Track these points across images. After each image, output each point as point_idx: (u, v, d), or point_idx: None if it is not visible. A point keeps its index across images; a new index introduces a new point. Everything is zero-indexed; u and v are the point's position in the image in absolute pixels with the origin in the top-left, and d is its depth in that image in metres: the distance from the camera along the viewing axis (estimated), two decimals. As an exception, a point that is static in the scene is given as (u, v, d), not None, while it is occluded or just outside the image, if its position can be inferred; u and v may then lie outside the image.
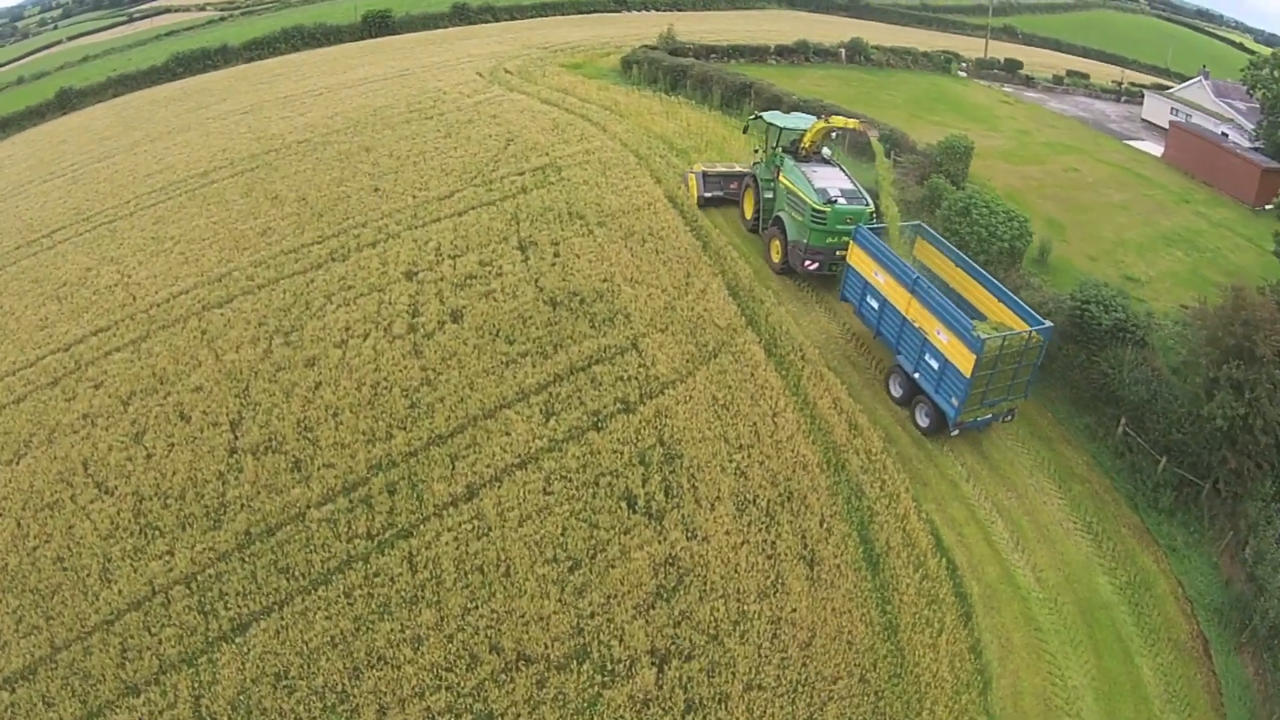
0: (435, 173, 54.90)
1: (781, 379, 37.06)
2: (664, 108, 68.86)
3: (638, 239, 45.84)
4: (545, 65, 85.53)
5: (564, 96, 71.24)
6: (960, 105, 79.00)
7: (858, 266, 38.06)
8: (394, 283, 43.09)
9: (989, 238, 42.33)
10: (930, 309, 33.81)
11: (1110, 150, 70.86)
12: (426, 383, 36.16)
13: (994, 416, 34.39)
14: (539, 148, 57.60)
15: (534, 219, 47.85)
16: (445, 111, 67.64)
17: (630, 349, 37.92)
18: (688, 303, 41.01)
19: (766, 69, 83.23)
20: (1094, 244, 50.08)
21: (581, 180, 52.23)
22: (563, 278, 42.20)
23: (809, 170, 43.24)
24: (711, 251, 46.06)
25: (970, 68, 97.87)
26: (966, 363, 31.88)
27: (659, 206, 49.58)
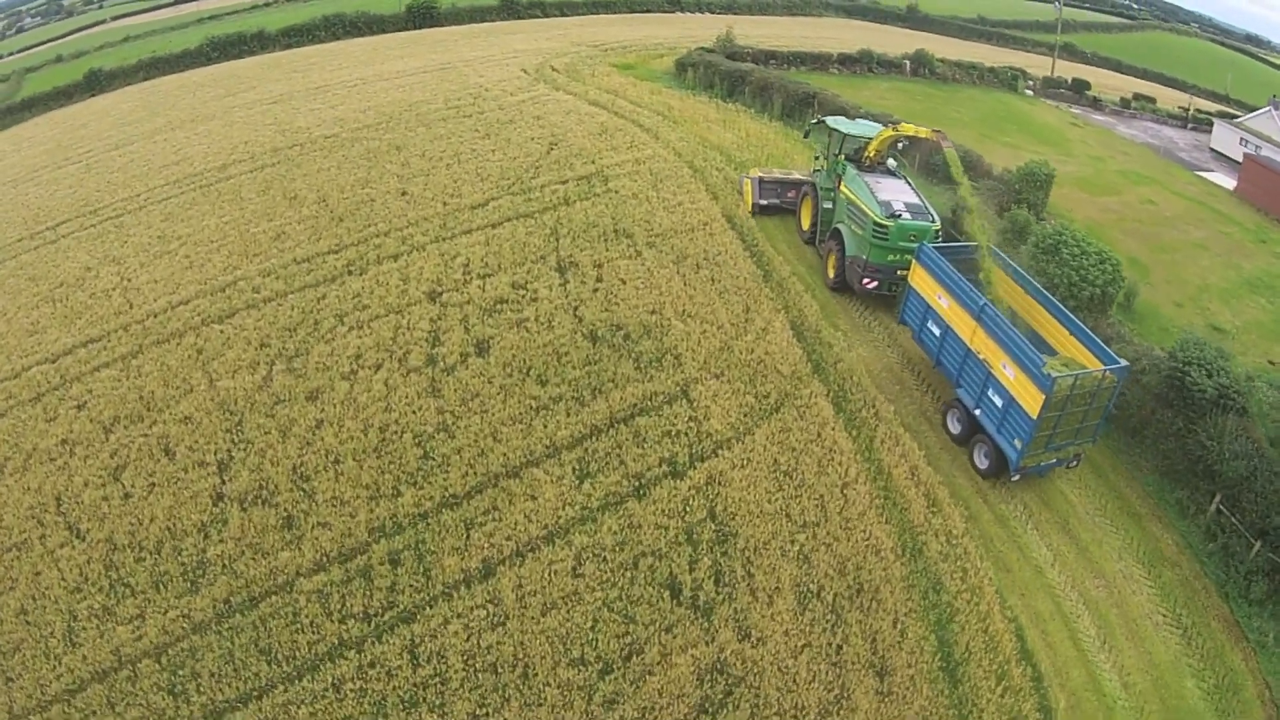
0: (470, 177, 49.73)
1: (852, 441, 32.04)
2: (721, 115, 63.75)
3: (691, 264, 40.77)
4: (595, 65, 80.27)
5: (613, 99, 65.85)
6: (1030, 126, 74.99)
7: (919, 288, 34.73)
8: (414, 304, 37.95)
9: (1080, 282, 38.00)
10: (997, 340, 30.47)
11: (1183, 182, 67.81)
12: (443, 428, 31.12)
13: (1059, 462, 31.14)
14: (585, 154, 52.46)
15: (576, 236, 42.72)
16: (485, 110, 62.39)
17: (680, 397, 32.86)
18: (747, 343, 35.89)
19: (828, 78, 78.71)
20: (1179, 288, 46.26)
21: (630, 193, 47.09)
22: (605, 307, 37.10)
23: (872, 181, 39.90)
24: (774, 282, 40.88)
25: (1037, 86, 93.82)
26: (1034, 402, 28.61)
27: (715, 227, 44.50)
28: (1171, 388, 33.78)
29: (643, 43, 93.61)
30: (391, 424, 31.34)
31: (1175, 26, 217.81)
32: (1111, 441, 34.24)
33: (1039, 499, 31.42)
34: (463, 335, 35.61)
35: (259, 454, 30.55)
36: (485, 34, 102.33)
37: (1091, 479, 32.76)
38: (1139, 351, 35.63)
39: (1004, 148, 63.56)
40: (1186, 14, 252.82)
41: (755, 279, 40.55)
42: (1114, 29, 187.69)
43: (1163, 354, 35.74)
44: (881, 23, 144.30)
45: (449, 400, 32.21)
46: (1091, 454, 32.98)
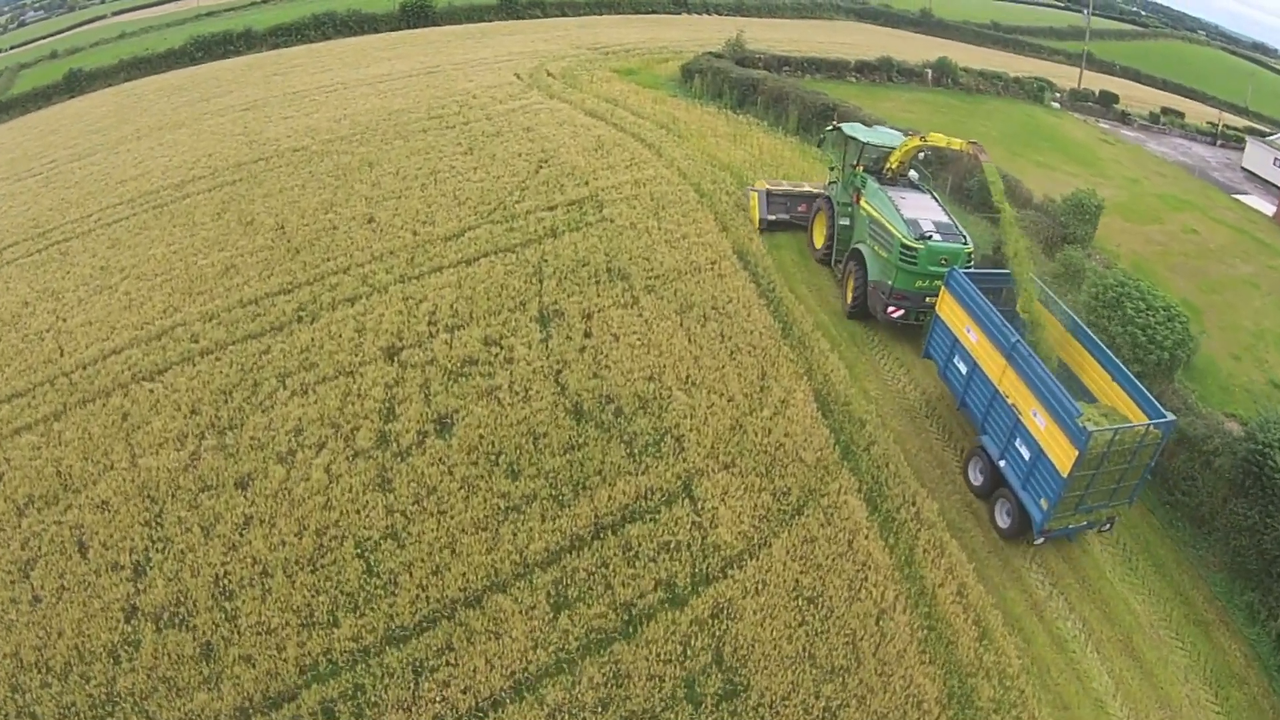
0: (446, 201, 43.70)
1: (889, 552, 26.28)
2: (731, 128, 57.67)
3: (697, 315, 34.81)
4: (594, 69, 73.91)
5: (613, 108, 59.60)
6: (1060, 142, 69.44)
7: (947, 319, 30.82)
8: (369, 363, 32.12)
9: (1147, 344, 32.66)
10: (1028, 383, 26.60)
11: (1221, 206, 63.03)
12: (391, 535, 25.32)
13: (1090, 525, 27.08)
14: (578, 174, 46.43)
15: (563, 277, 36.74)
16: (471, 120, 56.27)
17: (681, 495, 26.99)
18: (763, 421, 29.97)
19: (847, 87, 72.89)
20: (1233, 336, 41.18)
21: (628, 222, 41.12)
22: (594, 371, 31.24)
23: (897, 196, 36.07)
24: (794, 338, 34.87)
25: (1064, 99, 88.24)
26: (1065, 458, 24.80)
27: (725, 266, 38.54)
28: (1248, 474, 28.54)
29: (647, 46, 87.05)
30: (331, 526, 25.63)
31: (1187, 35, 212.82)
32: (1176, 533, 29.73)
33: (1100, 611, 26.36)
34: (422, 408, 29.86)
35: (178, 558, 24.99)
36: (480, 35, 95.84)
37: (1155, 579, 27.96)
38: (1210, 427, 30.76)
39: (1038, 168, 58.64)
40: (1193, 21, 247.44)
41: (772, 334, 34.70)
42: (1127, 36, 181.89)
43: (1238, 430, 31.17)
44: (894, 27, 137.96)
45: (400, 496, 26.48)
46: (1155, 549, 28.90)
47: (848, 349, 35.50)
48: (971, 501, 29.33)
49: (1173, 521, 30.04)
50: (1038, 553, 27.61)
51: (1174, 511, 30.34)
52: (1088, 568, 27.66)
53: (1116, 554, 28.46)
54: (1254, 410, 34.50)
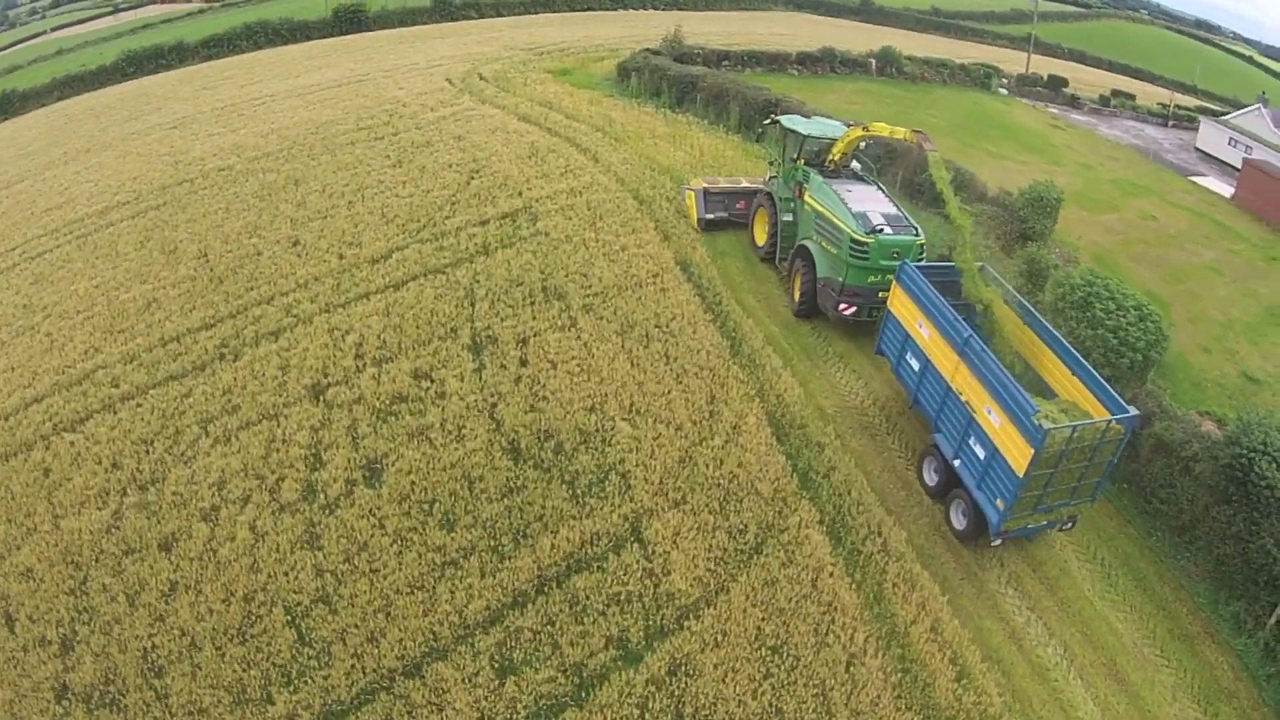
0: (373, 220, 41.73)
1: (856, 591, 24.62)
2: (669, 129, 55.78)
3: (639, 336, 33.04)
4: (528, 71, 71.87)
5: (547, 112, 57.53)
6: (1011, 130, 68.62)
7: (899, 314, 30.07)
8: (293, 404, 30.19)
9: (1119, 347, 31.32)
10: (982, 380, 25.84)
11: (1179, 190, 62.74)
12: (323, 599, 23.42)
13: (1050, 525, 26.35)
14: (510, 184, 44.48)
15: (496, 298, 34.86)
16: (400, 130, 54.25)
17: (630, 540, 25.16)
18: (714, 451, 28.23)
19: (788, 80, 71.59)
20: (1202, 327, 40.67)
21: (564, 235, 39.26)
22: (531, 404, 29.42)
23: (842, 189, 35.21)
24: (744, 356, 33.07)
25: (1012, 84, 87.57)
26: (1021, 457, 24.11)
27: (668, 279, 36.86)
28: (1231, 480, 27.51)
29: (582, 44, 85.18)
30: (259, 590, 23.70)
31: (1130, 15, 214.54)
32: (1156, 543, 28.77)
33: (1081, 634, 25.29)
34: (349, 453, 27.88)
35: (105, 630, 23.17)
36: (413, 39, 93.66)
37: (1136, 595, 26.93)
38: (1187, 431, 29.79)
39: (990, 158, 57.66)
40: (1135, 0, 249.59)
41: (720, 353, 32.94)
42: (1071, 18, 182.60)
43: (1216, 433, 30.12)
44: (835, 16, 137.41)
45: (330, 555, 24.52)
46: (1135, 561, 27.88)
47: (800, 363, 33.95)
48: (939, 524, 27.87)
49: (1151, 531, 29.13)
50: (1013, 575, 26.49)
51: (1152, 521, 29.42)
52: (1065, 587, 26.56)
53: (1095, 570, 27.43)
54: (1229, 406, 33.70)
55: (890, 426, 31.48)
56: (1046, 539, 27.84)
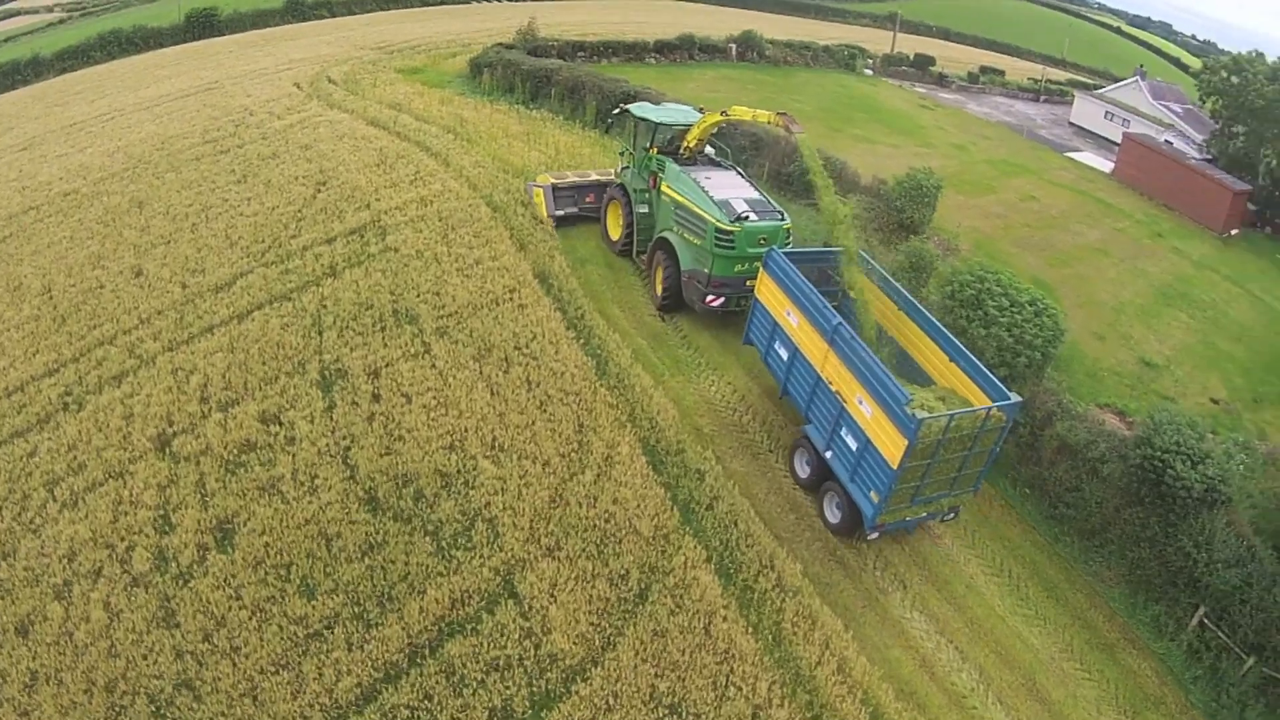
0: (217, 242, 38.43)
1: (753, 635, 22.40)
2: (524, 127, 52.84)
3: (498, 360, 30.34)
4: (378, 71, 68.32)
5: (396, 115, 54.26)
6: (879, 112, 67.56)
7: (766, 302, 29.09)
8: (139, 459, 27.09)
9: (1015, 346, 29.82)
10: (852, 368, 25.00)
11: (1056, 167, 62.86)
12: (185, 684, 20.57)
13: (930, 516, 25.69)
14: (359, 195, 41.45)
15: (344, 326, 31.97)
16: (246, 141, 50.64)
17: (503, 596, 22.62)
18: (585, 488, 25.74)
19: (647, 70, 69.44)
20: (1094, 313, 40.31)
21: (414, 250, 36.33)
22: (386, 446, 26.64)
23: (701, 177, 33.96)
24: (612, 376, 30.60)
25: (877, 65, 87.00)
26: (894, 448, 23.25)
27: (526, 294, 34.14)
28: (1144, 482, 27.12)
29: (433, 41, 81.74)
30: (119, 678, 20.77)
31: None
32: (1065, 549, 27.95)
33: (995, 655, 24.12)
34: (199, 513, 24.91)
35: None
36: (263, 43, 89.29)
37: (1049, 606, 26.01)
38: (1092, 430, 29.31)
39: (859, 143, 56.13)
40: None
41: (586, 374, 30.43)
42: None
43: (1120, 428, 29.93)
44: (694, 1, 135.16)
45: (188, 633, 21.64)
46: (1044, 570, 27.08)
47: (672, 379, 31.67)
48: (834, 549, 26.00)
49: (1059, 537, 28.19)
50: (917, 598, 25.00)
51: (1060, 526, 28.47)
52: (974, 605, 25.26)
53: (1003, 584, 26.22)
54: (1129, 397, 32.94)
55: (773, 443, 29.50)
56: (948, 555, 26.70)
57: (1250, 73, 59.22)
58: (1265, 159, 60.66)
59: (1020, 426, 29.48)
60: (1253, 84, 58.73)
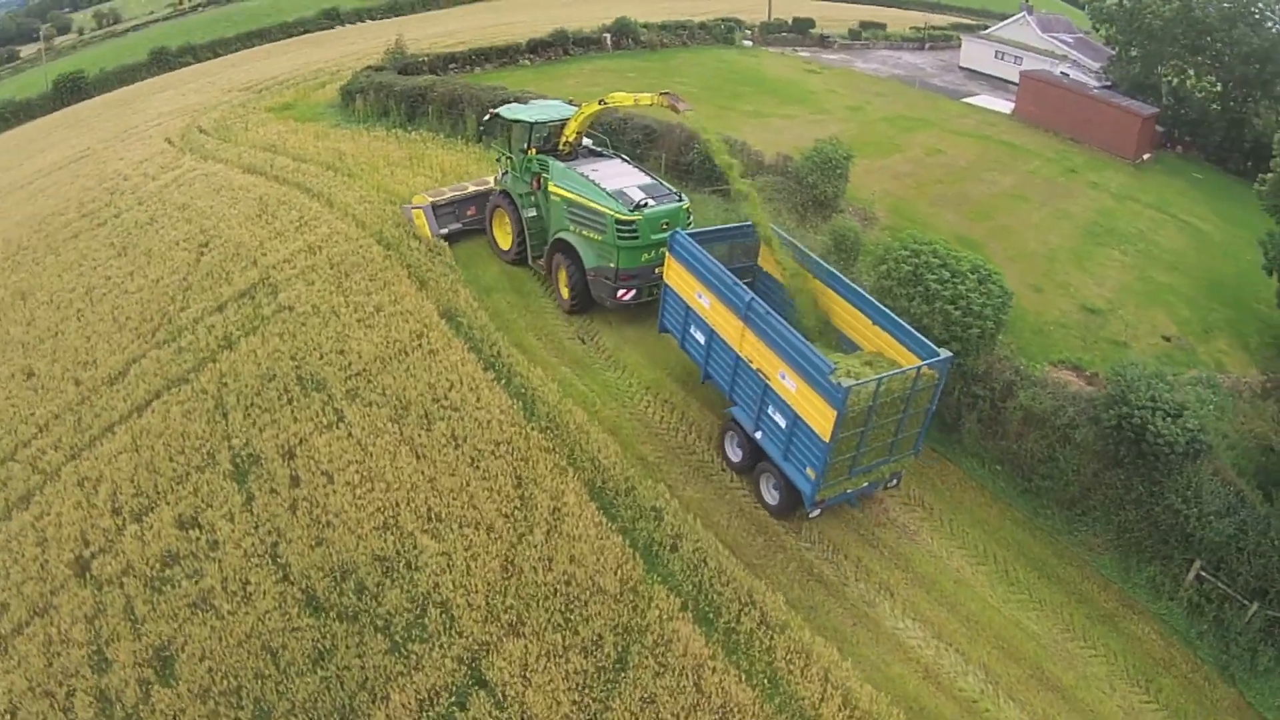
0: (105, 326, 35.73)
1: (747, 683, 20.74)
2: (405, 151, 49.86)
3: (418, 417, 27.92)
4: (248, 113, 64.43)
5: (272, 157, 50.97)
6: (765, 83, 65.77)
7: (676, 286, 28.50)
8: (61, 589, 24.98)
9: (964, 319, 28.15)
10: (770, 343, 24.46)
11: (955, 115, 62.14)
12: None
13: (871, 487, 25.33)
14: (244, 252, 38.71)
15: (250, 403, 29.38)
16: (123, 210, 47.24)
17: (473, 687, 20.53)
18: (537, 550, 23.49)
19: (523, 72, 66.94)
20: (1027, 265, 39.01)
21: (310, 306, 33.77)
22: (315, 536, 24.23)
23: (589, 170, 33.21)
24: (543, 417, 28.26)
25: (756, 34, 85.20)
26: (824, 420, 22.61)
27: (435, 338, 31.56)
28: (1121, 443, 26.29)
29: (301, 73, 77.91)
30: None
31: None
32: (1046, 522, 27.06)
33: (998, 650, 23.16)
34: (133, 644, 22.67)
35: None
36: (130, 100, 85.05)
37: (1042, 586, 25.17)
38: (1057, 395, 28.43)
39: (752, 119, 54.33)
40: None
41: (514, 418, 28.02)
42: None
43: (1083, 388, 29.41)
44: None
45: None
46: (1029, 548, 26.24)
47: (606, 408, 29.40)
48: (812, 566, 24.48)
49: (1039, 511, 27.26)
50: (907, 604, 23.79)
51: (1037, 500, 27.52)
52: (966, 601, 24.21)
53: (992, 571, 25.21)
54: (1081, 349, 32.27)
55: (713, 453, 27.95)
56: (929, 550, 25.60)
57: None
58: (1165, 79, 61.15)
59: (980, 400, 28.69)
60: (1148, 6, 58.94)
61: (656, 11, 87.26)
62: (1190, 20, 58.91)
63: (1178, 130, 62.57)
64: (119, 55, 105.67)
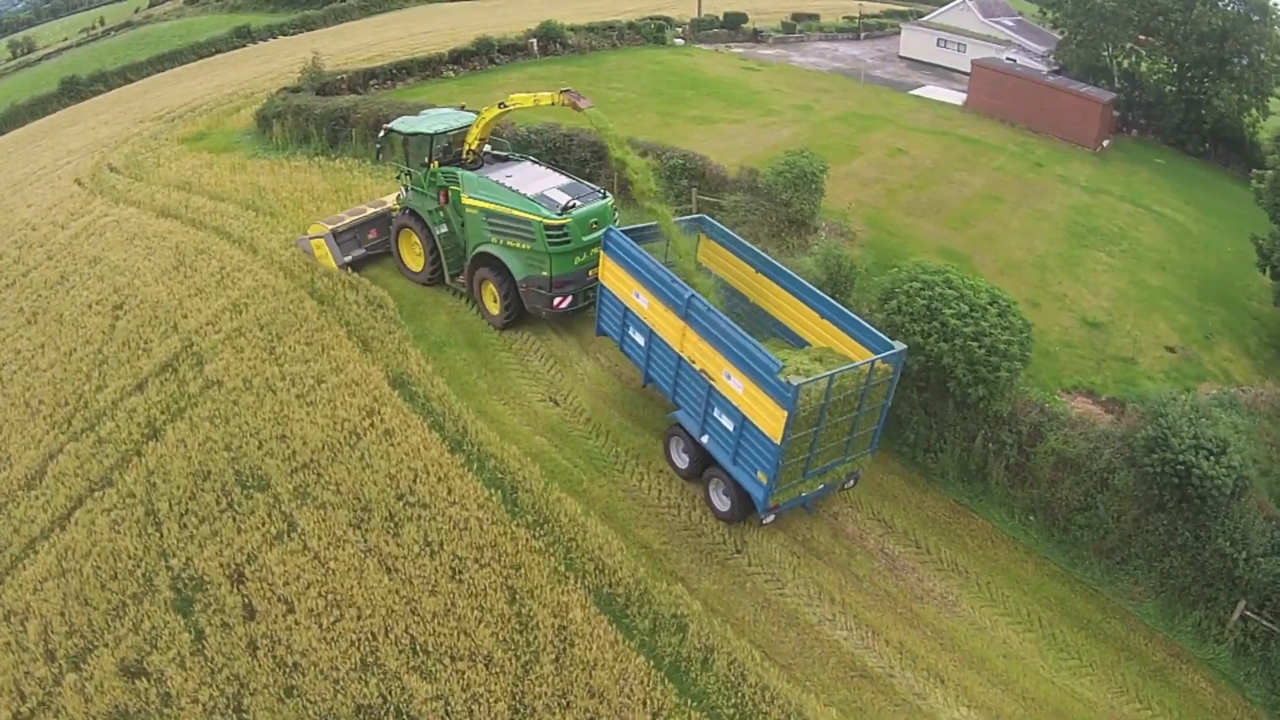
0: (18, 414, 31.20)
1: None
2: (330, 182, 45.22)
3: (382, 520, 23.72)
4: (160, 145, 58.72)
5: (187, 197, 45.80)
6: (706, 85, 62.57)
7: (612, 286, 27.02)
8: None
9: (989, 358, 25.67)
10: (713, 343, 23.12)
11: (907, 109, 60.39)
12: None
13: (828, 488, 24.09)
14: (162, 314, 34.27)
15: (183, 510, 24.97)
16: (31, 266, 42.29)
17: None
18: (549, 682, 19.83)
19: (447, 85, 62.85)
20: (1019, 276, 36.51)
21: (241, 380, 29.38)
22: (284, 685, 20.03)
23: (502, 177, 31.41)
24: (528, 508, 24.21)
25: (687, 32, 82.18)
26: (774, 422, 21.44)
27: (390, 415, 27.26)
28: (1165, 487, 24.19)
29: (214, 97, 72.53)
30: None
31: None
32: (1084, 573, 25.07)
33: None
34: None
35: None
36: (42, 135, 78.96)
37: (1091, 647, 23.26)
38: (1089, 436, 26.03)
39: (700, 126, 51.18)
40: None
41: (496, 514, 23.90)
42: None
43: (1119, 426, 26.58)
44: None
45: None
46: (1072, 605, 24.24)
47: (595, 485, 25.67)
48: (853, 656, 21.79)
49: (1076, 562, 25.19)
50: (959, 689, 21.43)
51: (1075, 551, 25.37)
52: (1017, 675, 22.09)
53: (1039, 637, 23.18)
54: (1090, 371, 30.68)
55: (737, 540, 24.50)
56: (972, 620, 23.33)
57: (1090, -26, 58.24)
58: (1116, 60, 60.04)
59: (1007, 446, 26.30)
60: None
61: (580, 13, 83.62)
62: (1143, 2, 57.52)
63: (1132, 113, 61.60)
64: (33, 85, 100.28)
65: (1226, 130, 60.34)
